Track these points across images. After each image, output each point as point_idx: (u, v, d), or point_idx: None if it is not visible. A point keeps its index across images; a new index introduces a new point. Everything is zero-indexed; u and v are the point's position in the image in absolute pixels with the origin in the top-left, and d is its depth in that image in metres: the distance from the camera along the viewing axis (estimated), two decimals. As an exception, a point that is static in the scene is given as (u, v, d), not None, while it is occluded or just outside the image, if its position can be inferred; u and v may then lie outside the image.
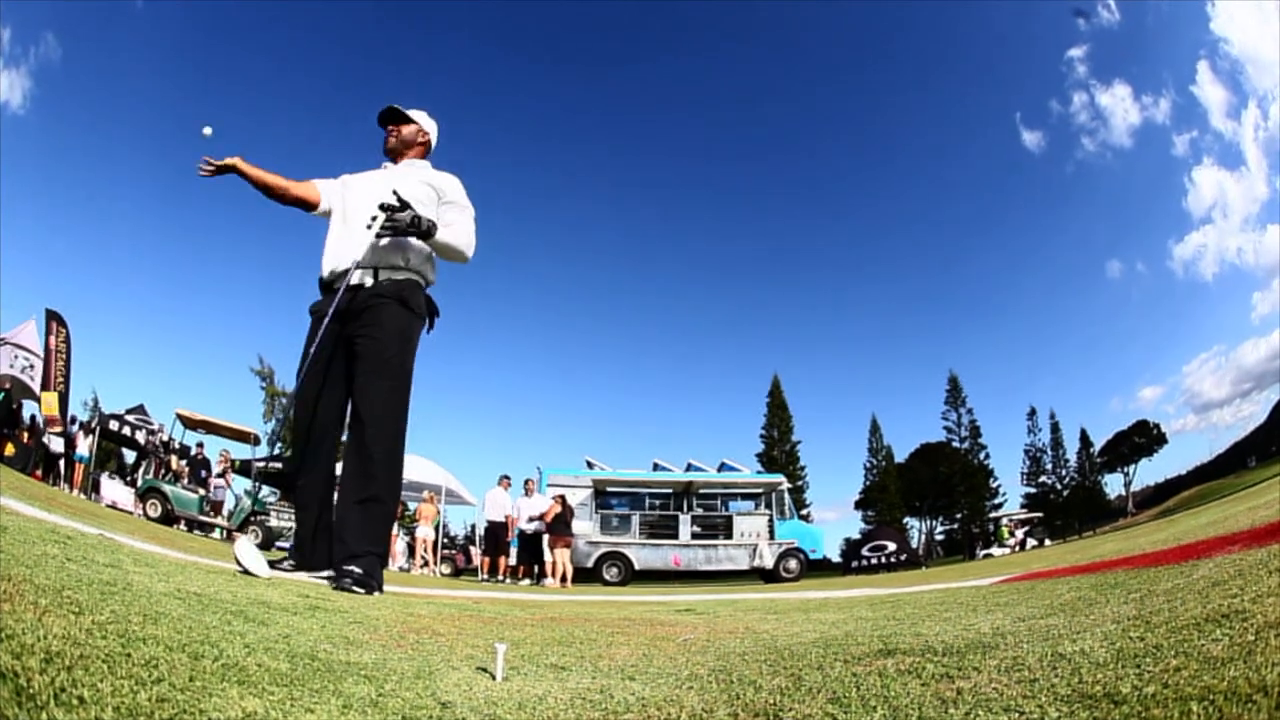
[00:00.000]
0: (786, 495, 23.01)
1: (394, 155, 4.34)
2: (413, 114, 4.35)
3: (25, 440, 16.74)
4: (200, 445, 19.50)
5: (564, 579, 14.67)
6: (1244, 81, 71.52)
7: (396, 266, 3.93)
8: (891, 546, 25.43)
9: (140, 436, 17.13)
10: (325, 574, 3.65)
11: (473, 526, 24.06)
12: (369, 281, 3.88)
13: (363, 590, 3.28)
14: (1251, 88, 71.09)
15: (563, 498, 15.45)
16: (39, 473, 15.43)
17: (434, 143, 4.45)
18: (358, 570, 3.40)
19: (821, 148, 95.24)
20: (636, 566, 20.79)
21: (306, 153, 76.22)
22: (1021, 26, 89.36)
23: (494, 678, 1.35)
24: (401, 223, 3.75)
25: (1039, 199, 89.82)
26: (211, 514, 16.80)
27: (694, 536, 21.73)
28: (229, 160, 3.93)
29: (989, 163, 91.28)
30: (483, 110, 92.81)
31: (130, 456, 16.34)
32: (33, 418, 18.46)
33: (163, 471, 16.42)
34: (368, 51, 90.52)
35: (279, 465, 21.58)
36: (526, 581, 15.56)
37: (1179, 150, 77.03)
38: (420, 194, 4.01)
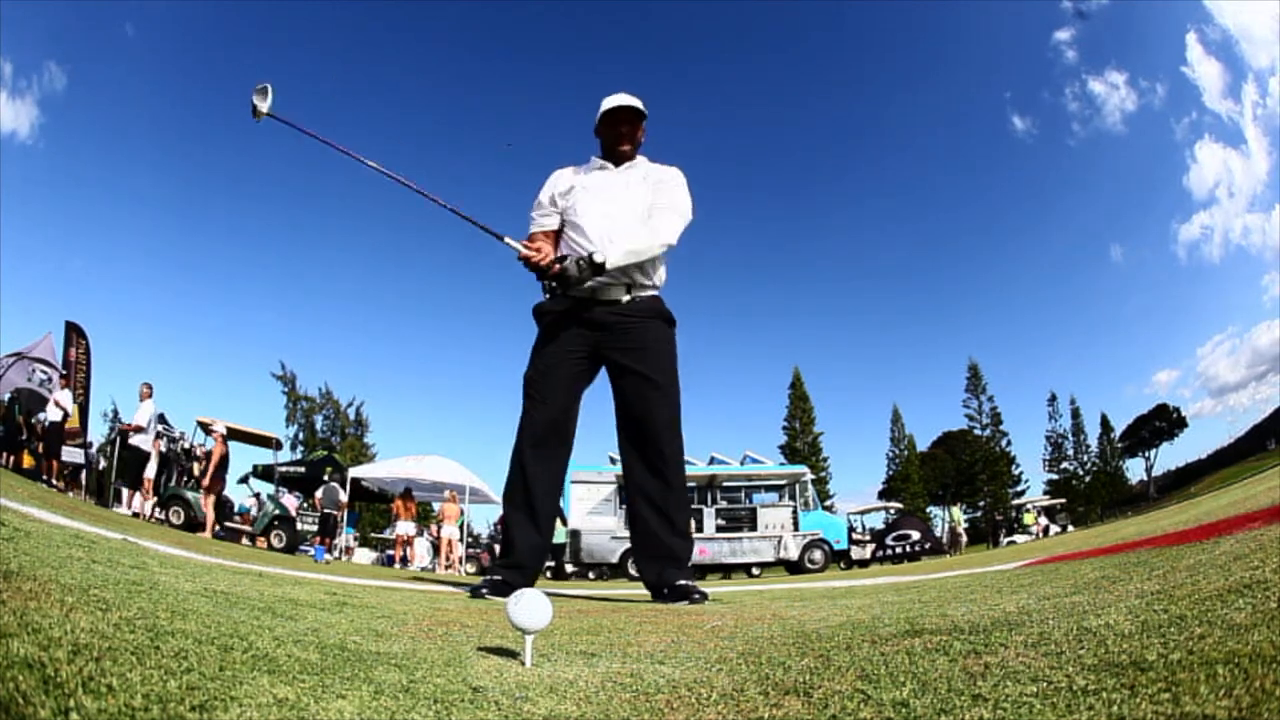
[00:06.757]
0: (810, 486, 23.02)
1: (623, 158, 3.95)
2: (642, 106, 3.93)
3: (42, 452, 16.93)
4: (200, 445, 19.62)
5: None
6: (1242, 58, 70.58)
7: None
8: (916, 535, 25.38)
9: (161, 445, 17.24)
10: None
11: (495, 524, 24.18)
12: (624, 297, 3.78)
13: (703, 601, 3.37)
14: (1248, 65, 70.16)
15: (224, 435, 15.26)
16: (60, 484, 15.55)
17: None
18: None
19: (836, 138, 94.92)
20: (661, 560, 20.82)
21: (301, 164, 76.36)
22: (1011, 15, 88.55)
23: (524, 664, 1.36)
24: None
25: (1042, 185, 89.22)
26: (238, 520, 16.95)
27: (718, 529, 21.76)
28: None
29: (989, 151, 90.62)
30: (485, 108, 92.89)
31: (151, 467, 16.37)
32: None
33: (185, 479, 16.49)
34: (361, 69, 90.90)
35: (301, 470, 21.76)
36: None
37: (1178, 136, 76.25)
38: (647, 200, 3.83)
